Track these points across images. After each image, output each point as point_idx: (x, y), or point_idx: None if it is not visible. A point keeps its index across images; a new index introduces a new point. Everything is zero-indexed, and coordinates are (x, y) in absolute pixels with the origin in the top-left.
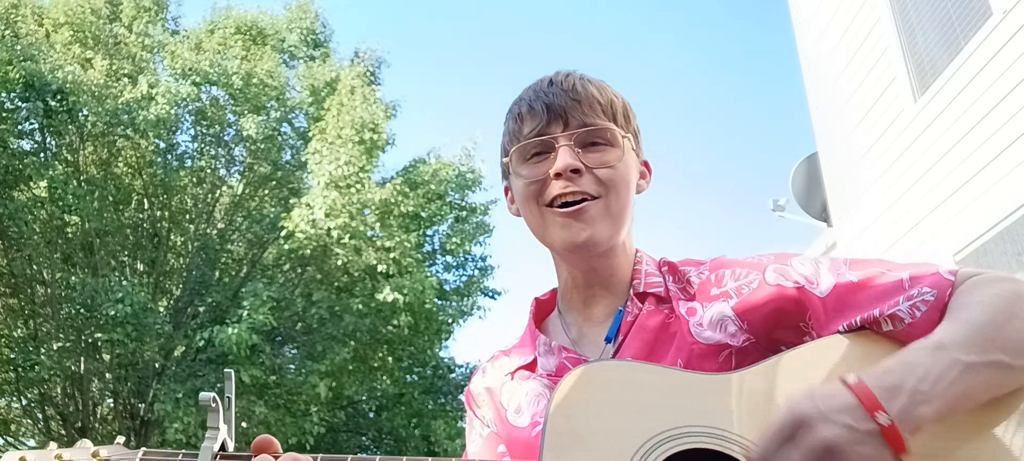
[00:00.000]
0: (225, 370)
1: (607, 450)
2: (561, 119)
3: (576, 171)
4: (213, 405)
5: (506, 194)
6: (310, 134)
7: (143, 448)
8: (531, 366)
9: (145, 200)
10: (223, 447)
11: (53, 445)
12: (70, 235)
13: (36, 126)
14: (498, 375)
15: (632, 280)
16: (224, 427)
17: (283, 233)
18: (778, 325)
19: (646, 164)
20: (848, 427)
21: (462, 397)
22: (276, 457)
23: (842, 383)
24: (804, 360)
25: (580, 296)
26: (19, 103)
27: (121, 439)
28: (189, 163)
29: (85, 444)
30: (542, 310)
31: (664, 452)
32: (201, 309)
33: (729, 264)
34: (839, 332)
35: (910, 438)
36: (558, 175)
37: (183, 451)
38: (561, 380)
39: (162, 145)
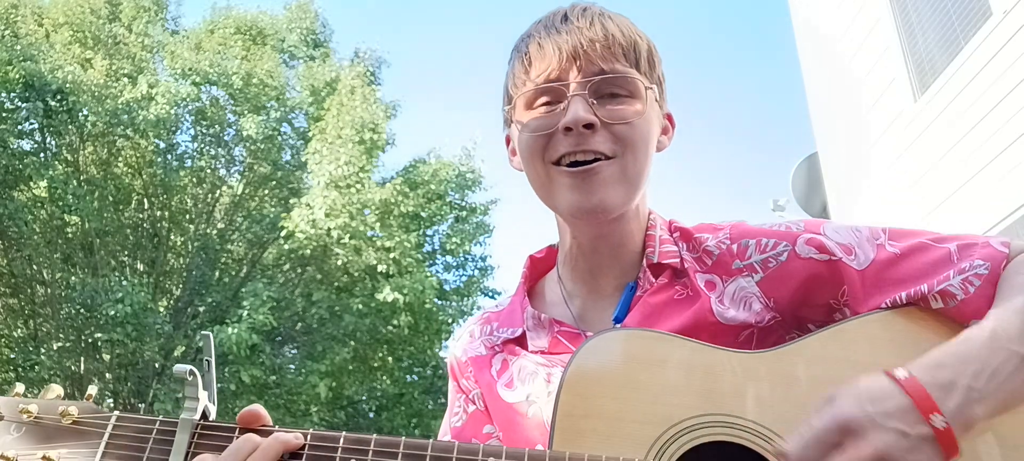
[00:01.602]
0: (202, 332)
1: (624, 438)
2: (575, 62)
3: (589, 126)
4: (189, 377)
5: (507, 144)
6: (310, 134)
7: (116, 412)
8: (520, 341)
9: (145, 200)
10: (205, 414)
11: (19, 388)
12: (70, 235)
13: (36, 126)
14: (486, 343)
15: (645, 248)
16: (205, 394)
17: (283, 233)
18: (807, 302)
19: (669, 117)
20: (900, 433)
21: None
22: (264, 433)
23: (891, 379)
24: (848, 341)
25: (586, 264)
26: (19, 103)
27: (93, 390)
28: (189, 163)
29: (54, 393)
30: (536, 270)
31: (685, 444)
32: (201, 309)
33: (753, 233)
34: (882, 308)
35: (963, 440)
36: (569, 129)
37: (161, 418)
38: (576, 351)
39: (162, 145)
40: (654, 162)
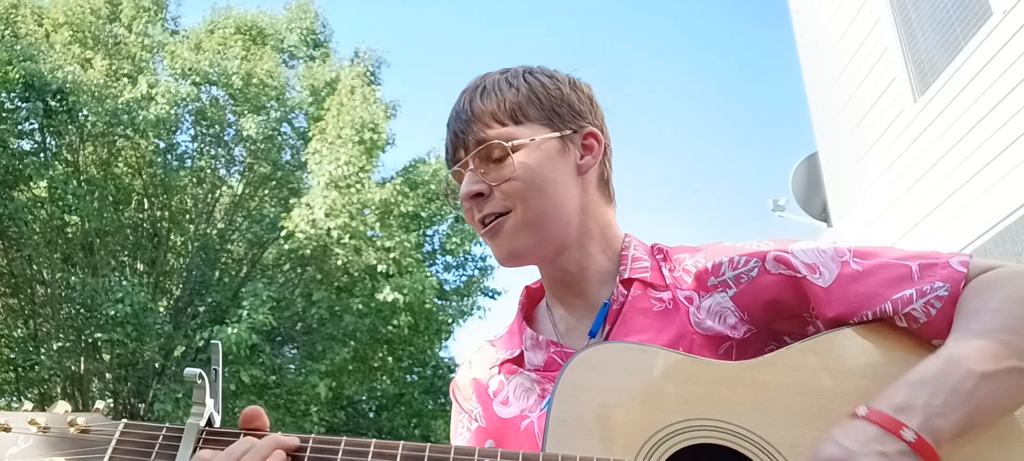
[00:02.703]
0: (211, 341)
1: (613, 440)
2: (462, 144)
3: (479, 195)
4: (198, 381)
5: None
6: (310, 134)
7: (124, 420)
8: (518, 360)
9: (145, 200)
10: (210, 422)
11: (28, 405)
12: (70, 235)
13: (36, 126)
14: (485, 366)
15: (618, 267)
16: (211, 402)
17: (283, 233)
18: (779, 315)
19: (592, 134)
20: (881, 454)
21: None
22: (261, 434)
23: (855, 418)
24: (823, 352)
25: (560, 291)
26: (19, 103)
27: (101, 404)
28: (189, 163)
29: (63, 408)
30: (532, 299)
31: (673, 446)
32: (201, 309)
33: (726, 251)
34: (851, 323)
35: (938, 449)
36: (466, 203)
37: (167, 425)
38: (569, 361)
39: (162, 145)
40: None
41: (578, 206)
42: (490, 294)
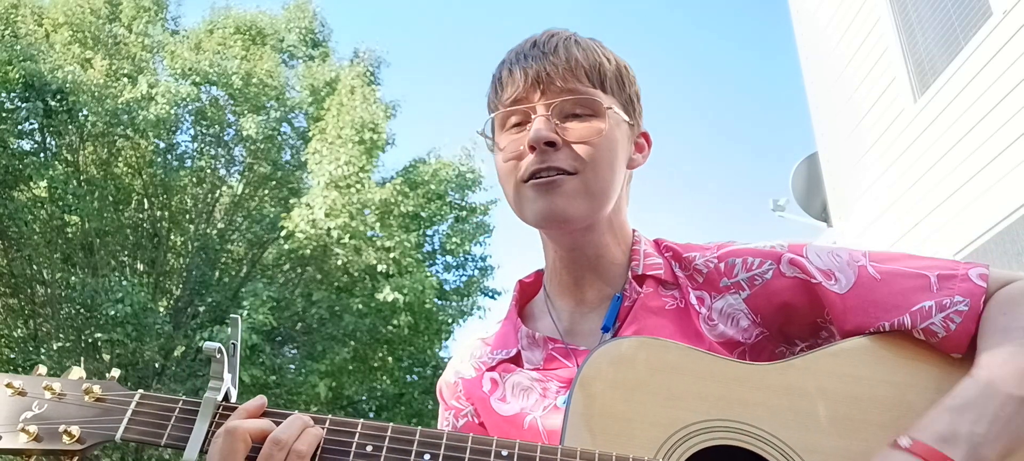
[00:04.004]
0: (231, 315)
1: (633, 437)
2: (538, 86)
3: (551, 143)
4: (218, 356)
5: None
6: (310, 134)
7: (140, 391)
8: (515, 359)
9: (145, 200)
10: (227, 397)
11: (42, 369)
12: (70, 235)
13: (36, 126)
14: (478, 365)
15: (630, 262)
16: (228, 377)
17: (283, 233)
18: (791, 319)
19: (645, 135)
20: None
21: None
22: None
23: (899, 449)
24: (845, 359)
25: (569, 277)
26: (19, 103)
27: (116, 372)
28: (189, 163)
29: (78, 374)
30: (526, 294)
31: (694, 446)
32: (201, 309)
33: (739, 252)
34: (870, 332)
35: None
36: (533, 147)
37: (184, 398)
38: (588, 356)
39: (162, 145)
40: (634, 178)
41: (617, 195)
42: (490, 294)
